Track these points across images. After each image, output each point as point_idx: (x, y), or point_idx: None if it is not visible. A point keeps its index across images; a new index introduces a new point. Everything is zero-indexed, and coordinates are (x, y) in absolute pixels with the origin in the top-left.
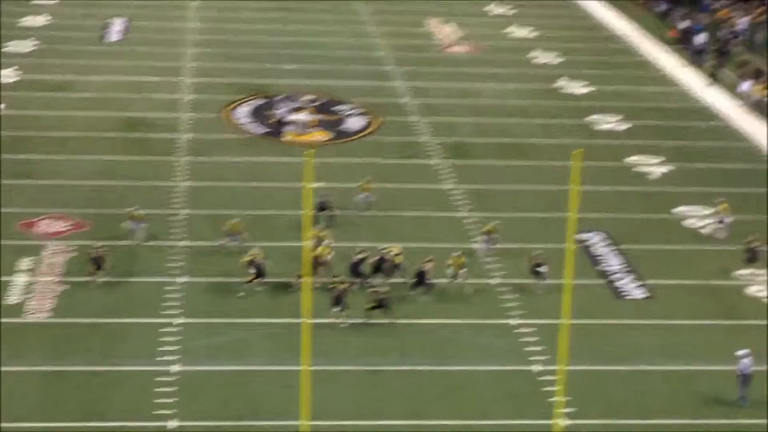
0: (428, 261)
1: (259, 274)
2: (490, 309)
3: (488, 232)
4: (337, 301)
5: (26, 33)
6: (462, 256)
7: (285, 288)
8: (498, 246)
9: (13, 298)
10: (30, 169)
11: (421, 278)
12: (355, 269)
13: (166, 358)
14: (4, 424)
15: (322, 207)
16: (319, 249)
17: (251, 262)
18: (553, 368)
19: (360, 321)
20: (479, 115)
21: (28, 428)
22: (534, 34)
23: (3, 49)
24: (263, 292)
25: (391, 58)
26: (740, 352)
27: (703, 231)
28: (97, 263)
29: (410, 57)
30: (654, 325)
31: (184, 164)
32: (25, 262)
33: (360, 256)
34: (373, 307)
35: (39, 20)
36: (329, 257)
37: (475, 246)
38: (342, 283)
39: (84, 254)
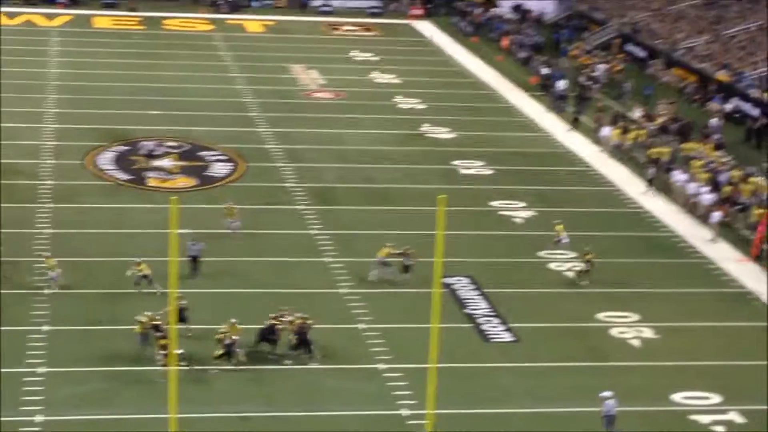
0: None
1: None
2: (358, 354)
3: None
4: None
5: None
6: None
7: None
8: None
9: None
10: None
11: (303, 338)
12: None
13: (29, 408)
14: None
15: (193, 258)
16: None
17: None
18: (422, 412)
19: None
20: (344, 161)
21: None
22: (398, 79)
23: None
24: (130, 339)
25: (255, 104)
26: (604, 394)
27: (567, 274)
28: None
29: (274, 103)
30: (521, 367)
31: (47, 211)
32: None
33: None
34: (221, 355)
35: None
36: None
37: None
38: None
39: None
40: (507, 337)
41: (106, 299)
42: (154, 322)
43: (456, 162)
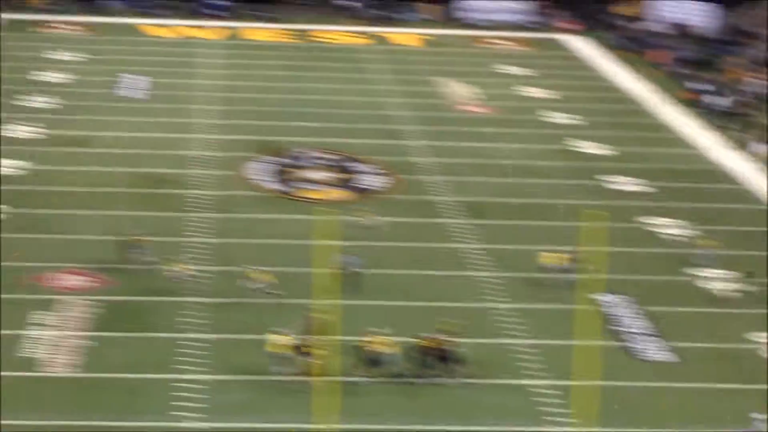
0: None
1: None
2: (508, 369)
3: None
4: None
5: (47, 89)
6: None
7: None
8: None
9: (33, 351)
10: (48, 224)
11: (448, 354)
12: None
13: (187, 414)
14: None
15: (346, 267)
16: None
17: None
18: (573, 430)
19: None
20: (493, 175)
21: None
22: (545, 93)
23: (24, 104)
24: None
25: (406, 117)
26: (755, 415)
27: (719, 294)
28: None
29: (425, 116)
30: (677, 388)
31: (199, 220)
32: (40, 316)
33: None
34: (371, 367)
35: (60, 76)
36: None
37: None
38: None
39: (104, 308)
40: (663, 356)
41: (265, 307)
42: (293, 343)
43: (604, 177)
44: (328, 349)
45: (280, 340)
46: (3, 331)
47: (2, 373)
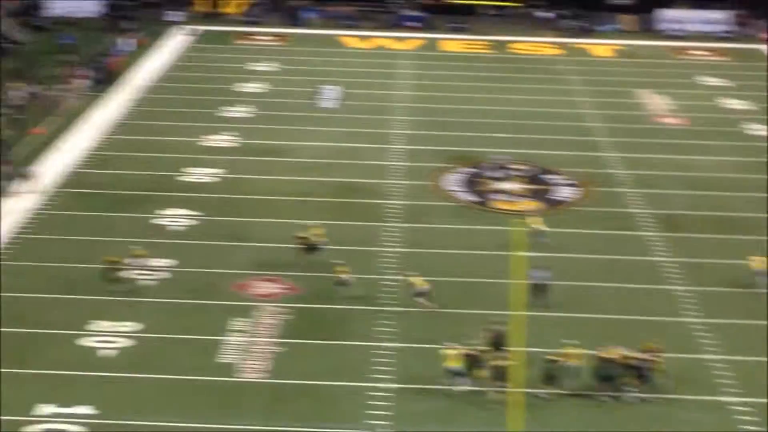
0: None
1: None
2: (704, 385)
3: None
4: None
5: (243, 99)
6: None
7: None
8: None
9: (229, 357)
10: (244, 232)
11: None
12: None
13: (375, 422)
14: None
15: (537, 279)
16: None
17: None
18: None
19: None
20: (690, 187)
21: None
22: (747, 105)
23: (222, 114)
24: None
25: (601, 129)
26: None
27: None
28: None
29: (620, 128)
30: None
31: (394, 230)
32: (237, 323)
33: None
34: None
35: (256, 86)
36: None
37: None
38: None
39: (296, 316)
40: None
41: (449, 318)
42: (470, 355)
43: None
44: (512, 361)
45: (454, 353)
46: (204, 337)
47: (201, 378)
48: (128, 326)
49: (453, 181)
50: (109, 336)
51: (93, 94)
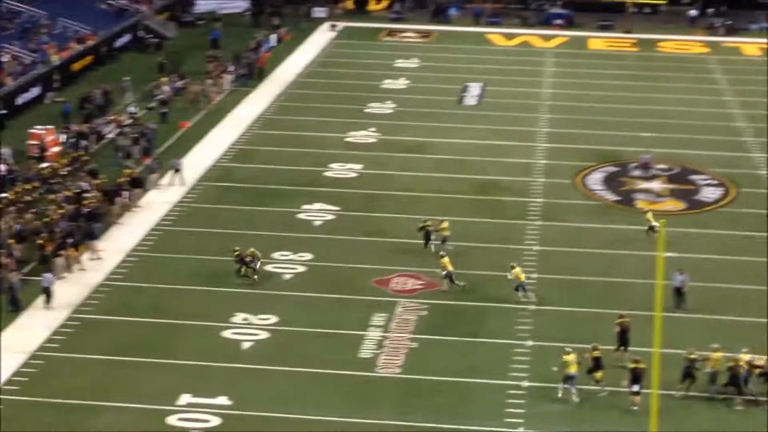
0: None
1: None
2: None
3: None
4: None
5: (385, 95)
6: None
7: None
8: None
9: (366, 352)
10: (383, 228)
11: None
12: None
13: (512, 420)
14: None
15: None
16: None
17: None
18: None
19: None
20: None
21: None
22: None
23: (365, 110)
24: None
25: (749, 129)
26: None
27: None
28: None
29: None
30: None
31: (535, 228)
32: (378, 318)
33: None
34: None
35: (398, 83)
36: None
37: None
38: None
39: (434, 312)
40: None
41: (588, 318)
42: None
43: None
44: (642, 363)
45: (571, 358)
46: (342, 331)
47: (337, 372)
48: (267, 319)
49: (595, 180)
50: (247, 328)
51: (239, 89)
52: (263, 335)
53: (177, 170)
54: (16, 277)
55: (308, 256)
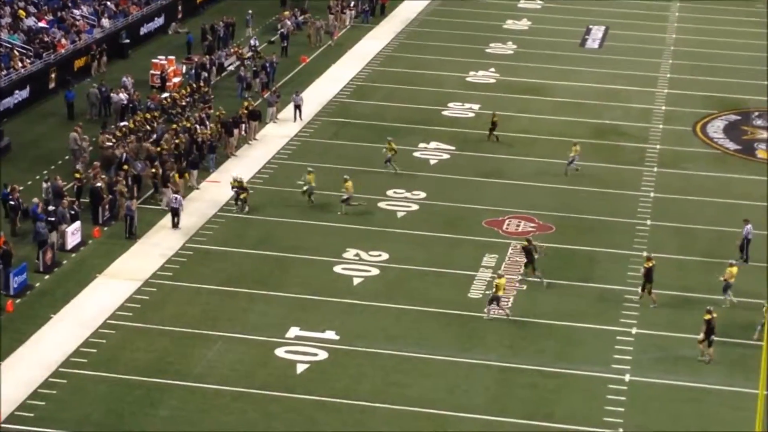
0: None
1: None
2: None
3: None
4: None
5: (507, 36)
6: None
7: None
8: None
9: (476, 293)
10: (499, 169)
11: None
12: None
13: (619, 366)
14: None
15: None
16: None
17: None
18: None
19: None
20: None
21: (476, 419)
22: None
23: (486, 50)
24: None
25: None
26: None
27: None
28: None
29: None
30: None
31: (652, 175)
32: (489, 259)
33: None
34: None
35: (520, 24)
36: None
37: None
38: None
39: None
40: None
41: (701, 267)
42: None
43: None
44: None
45: (502, 282)
46: (452, 271)
47: (445, 310)
48: (378, 256)
49: (716, 129)
50: (358, 264)
51: (360, 26)
52: (374, 272)
53: (297, 106)
54: (134, 204)
55: (422, 194)
